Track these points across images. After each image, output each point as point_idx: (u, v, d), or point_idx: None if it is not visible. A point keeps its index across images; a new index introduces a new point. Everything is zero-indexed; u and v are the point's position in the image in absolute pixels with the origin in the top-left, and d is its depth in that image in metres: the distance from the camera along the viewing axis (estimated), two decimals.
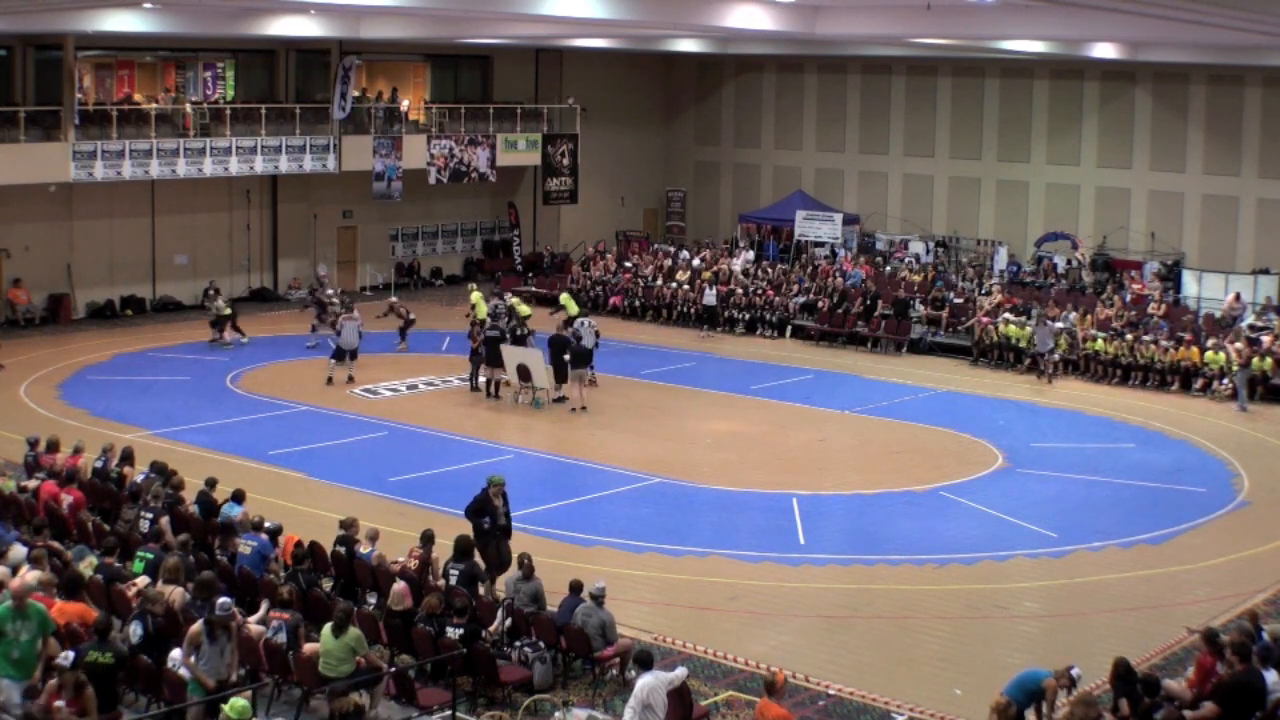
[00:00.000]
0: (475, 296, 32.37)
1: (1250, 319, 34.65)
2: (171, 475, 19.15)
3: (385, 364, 32.22)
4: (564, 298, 35.00)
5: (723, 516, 22.27)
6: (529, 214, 47.21)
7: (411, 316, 34.37)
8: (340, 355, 30.20)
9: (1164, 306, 35.89)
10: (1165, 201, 41.13)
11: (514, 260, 45.71)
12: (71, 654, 12.24)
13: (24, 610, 12.90)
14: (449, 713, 14.18)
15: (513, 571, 16.58)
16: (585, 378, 29.02)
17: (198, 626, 13.29)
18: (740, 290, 39.18)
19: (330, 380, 30.10)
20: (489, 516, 17.88)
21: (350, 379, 30.22)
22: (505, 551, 17.94)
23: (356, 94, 41.43)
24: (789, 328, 37.80)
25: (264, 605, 15.41)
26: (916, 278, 39.92)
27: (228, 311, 34.68)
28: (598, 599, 15.68)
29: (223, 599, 13.62)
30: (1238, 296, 36.36)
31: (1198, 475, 25.01)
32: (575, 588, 16.03)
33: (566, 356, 28.79)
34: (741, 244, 45.58)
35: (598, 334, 30.89)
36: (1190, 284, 38.48)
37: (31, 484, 19.45)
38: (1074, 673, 13.43)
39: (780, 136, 48.81)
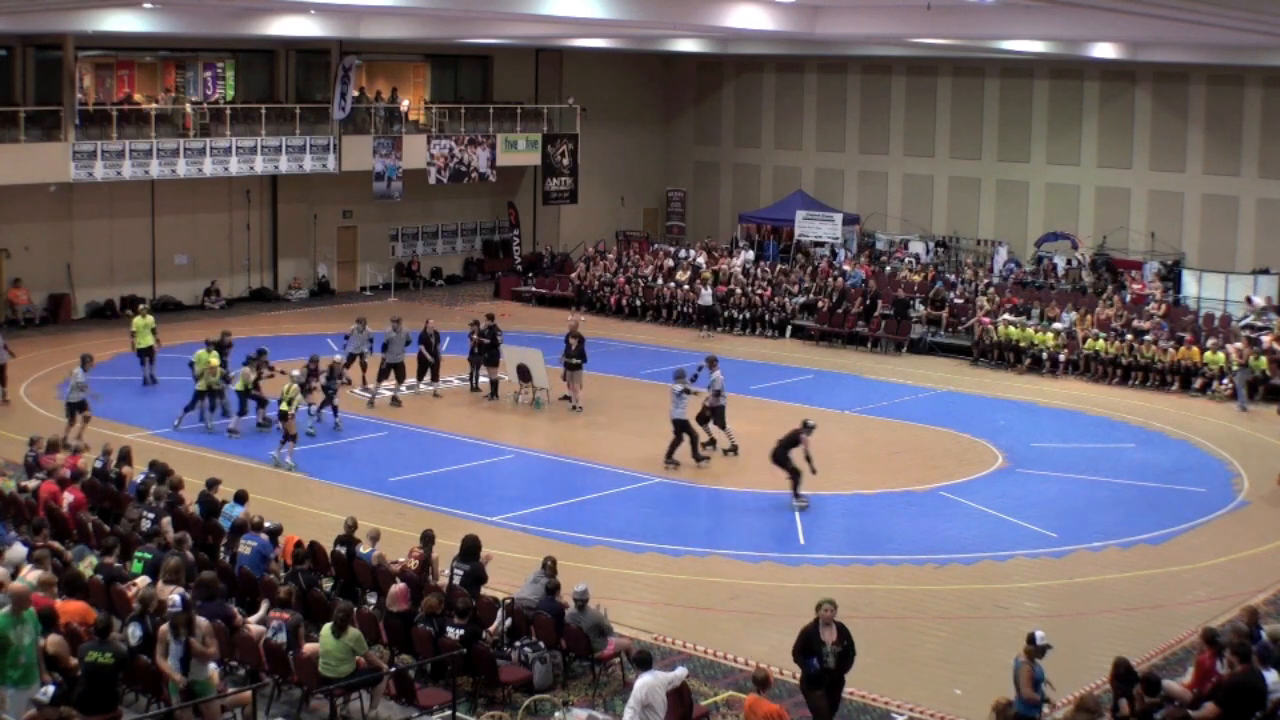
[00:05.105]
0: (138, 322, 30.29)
1: (1251, 319, 34.66)
2: (168, 474, 19.16)
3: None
4: (137, 321, 30.70)
5: (723, 516, 22.27)
6: (529, 214, 47.20)
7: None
8: (717, 419, 25.61)
9: (1164, 306, 35.89)
10: (1165, 201, 41.13)
11: (514, 260, 45.72)
12: (51, 688, 12.18)
13: (20, 615, 12.85)
14: (449, 713, 14.17)
15: (535, 566, 16.57)
16: (581, 379, 28.98)
17: (165, 625, 13.34)
18: (739, 290, 39.17)
19: (737, 448, 25.64)
20: (815, 657, 13.68)
21: (734, 448, 25.63)
22: (833, 700, 13.97)
23: (356, 94, 41.45)
24: (789, 328, 37.80)
25: (264, 605, 15.43)
26: (916, 278, 39.91)
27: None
28: (580, 602, 15.59)
29: (173, 596, 13.57)
30: (1268, 299, 35.98)
31: (1198, 475, 25.02)
32: (551, 590, 15.90)
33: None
34: (741, 244, 45.57)
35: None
36: (1190, 284, 38.49)
37: (31, 484, 19.47)
38: (1038, 636, 13.32)
39: (780, 136, 48.81)
